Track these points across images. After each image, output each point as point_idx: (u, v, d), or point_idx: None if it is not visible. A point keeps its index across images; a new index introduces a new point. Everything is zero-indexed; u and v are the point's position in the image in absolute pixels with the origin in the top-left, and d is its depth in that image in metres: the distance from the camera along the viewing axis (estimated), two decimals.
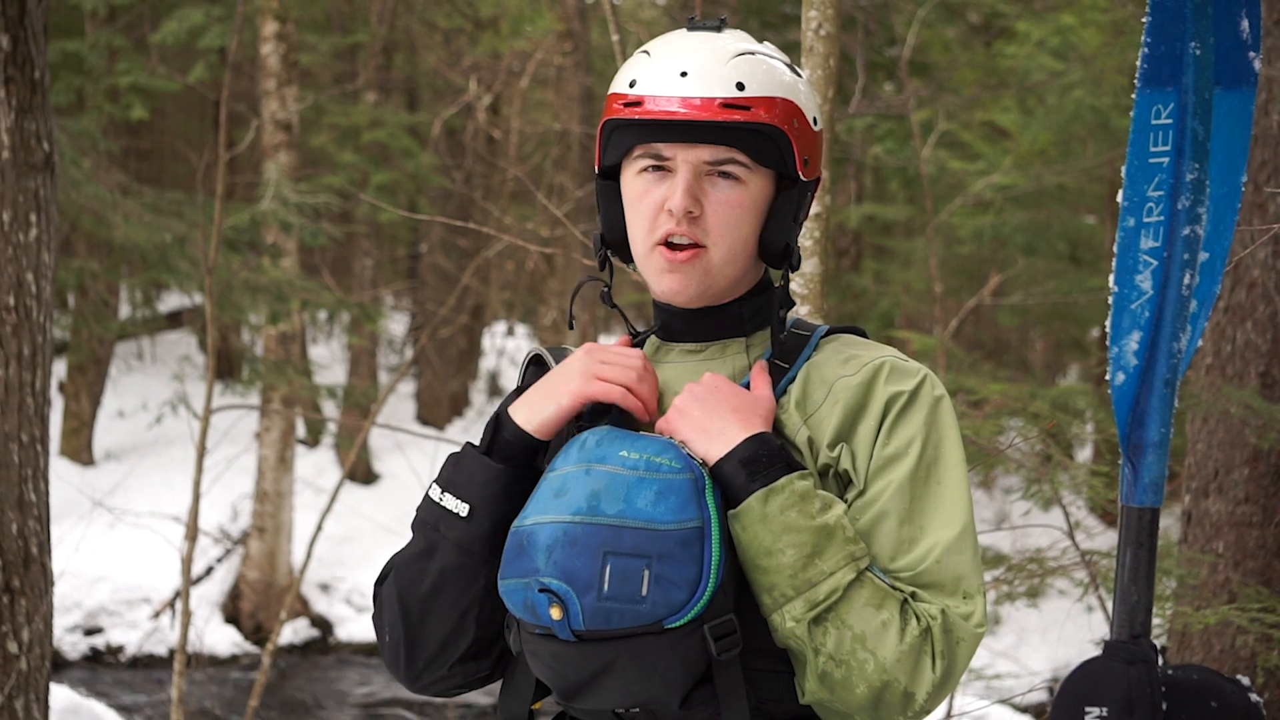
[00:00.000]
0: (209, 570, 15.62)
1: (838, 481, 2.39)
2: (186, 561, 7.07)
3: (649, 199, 2.43)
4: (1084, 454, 14.77)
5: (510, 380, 26.53)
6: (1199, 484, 5.61)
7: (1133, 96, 2.01)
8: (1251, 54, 2.02)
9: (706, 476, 2.30)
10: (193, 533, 7.22)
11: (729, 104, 2.36)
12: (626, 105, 2.42)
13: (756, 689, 2.34)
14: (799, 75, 2.47)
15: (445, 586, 2.42)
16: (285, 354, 14.29)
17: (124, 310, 19.05)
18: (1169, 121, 1.99)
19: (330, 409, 18.88)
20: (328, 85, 19.12)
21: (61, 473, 16.56)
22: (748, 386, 2.44)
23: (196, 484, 7.15)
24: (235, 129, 17.27)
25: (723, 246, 2.42)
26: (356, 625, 15.48)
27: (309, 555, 8.46)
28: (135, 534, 14.58)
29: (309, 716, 13.17)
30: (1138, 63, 2.00)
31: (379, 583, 2.56)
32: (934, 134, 13.13)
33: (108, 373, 18.48)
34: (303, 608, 15.44)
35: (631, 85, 2.43)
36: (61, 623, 14.37)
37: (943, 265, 15.20)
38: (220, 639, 14.76)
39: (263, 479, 15.37)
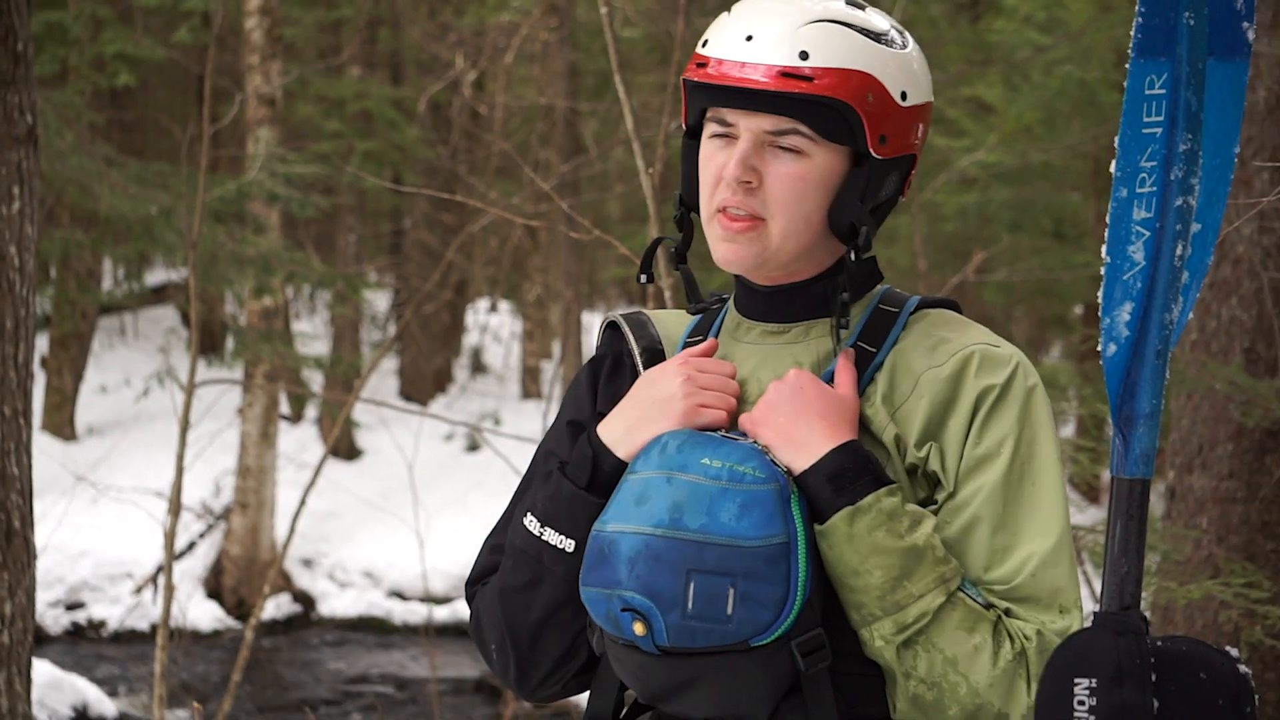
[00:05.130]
0: (191, 545, 15.61)
1: (926, 481, 2.30)
2: (169, 536, 7.05)
3: (712, 164, 2.34)
4: (1066, 430, 14.79)
5: (494, 357, 26.52)
6: (1183, 460, 5.62)
7: (1126, 67, 2.01)
8: (1245, 24, 2.02)
9: (792, 485, 2.23)
10: (175, 508, 7.20)
11: (788, 73, 2.25)
12: (697, 65, 2.33)
13: (846, 694, 2.26)
14: (896, 46, 2.33)
15: (556, 617, 2.36)
16: (268, 328, 14.26)
17: (107, 283, 19.01)
18: (1162, 92, 1.98)
19: (314, 384, 18.87)
20: (312, 60, 19.07)
21: (43, 448, 16.50)
22: (832, 376, 2.33)
23: (180, 459, 7.13)
24: (219, 103, 17.21)
25: (781, 220, 2.31)
26: (339, 600, 15.48)
27: (292, 530, 8.46)
28: (118, 509, 14.57)
29: (291, 691, 13.17)
30: (1130, 34, 1.99)
31: (472, 595, 2.51)
32: None
33: (90, 347, 18.45)
34: (285, 583, 15.44)
35: (704, 45, 2.33)
36: (43, 598, 14.35)
37: (927, 242, 15.19)
38: (202, 614, 14.76)
39: (245, 454, 15.35)
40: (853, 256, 2.36)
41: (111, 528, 14.92)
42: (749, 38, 2.28)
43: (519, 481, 2.58)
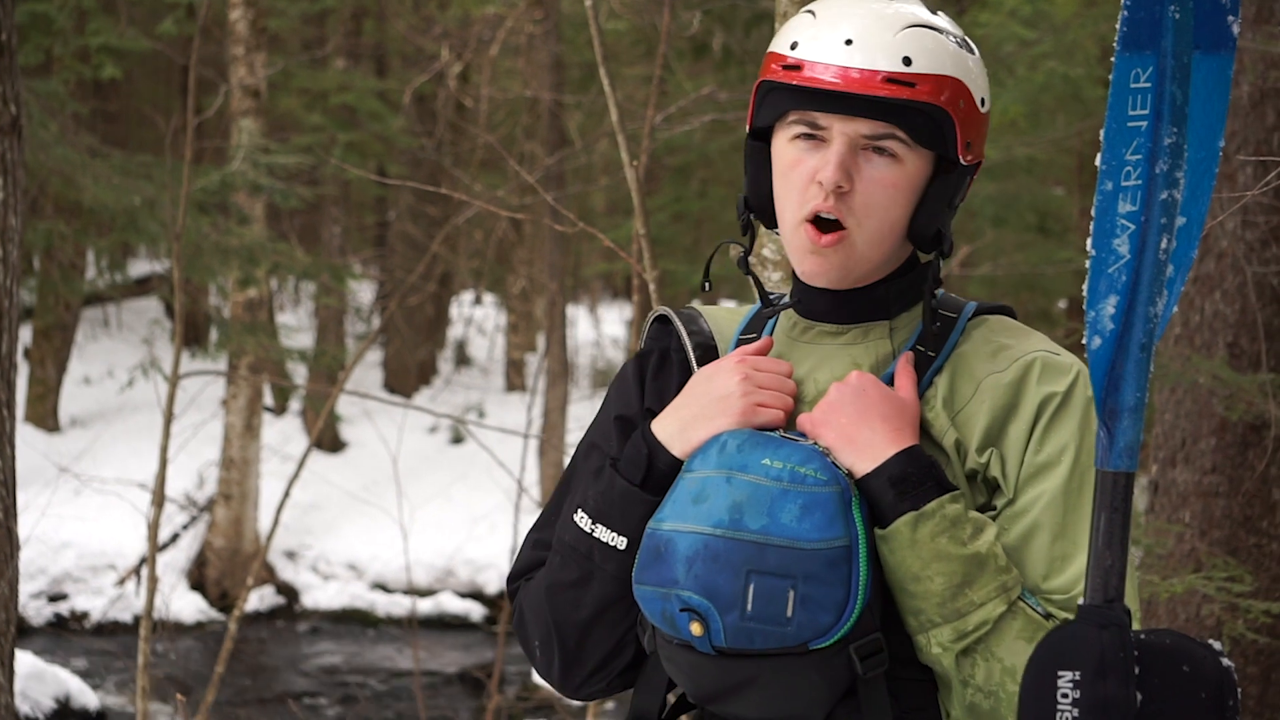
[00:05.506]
0: (175, 537, 15.59)
1: (985, 487, 2.28)
2: (153, 528, 7.04)
3: (800, 169, 2.30)
4: None
5: (478, 349, 26.51)
6: (1166, 454, 5.63)
7: (1111, 61, 2.01)
8: (1230, 18, 2.02)
9: (853, 488, 2.21)
10: (159, 499, 7.19)
11: (893, 79, 2.23)
12: (785, 68, 2.29)
13: (900, 699, 2.25)
14: (972, 52, 2.34)
15: (605, 614, 2.35)
16: (252, 319, 14.24)
17: (90, 274, 18.97)
18: (1148, 85, 1.98)
19: (298, 376, 18.84)
20: (296, 51, 19.02)
21: (27, 439, 16.47)
22: (891, 378, 2.32)
23: (163, 450, 7.12)
24: (203, 94, 17.17)
25: (869, 227, 2.29)
26: (322, 593, 15.47)
27: (275, 522, 8.44)
28: (101, 501, 14.54)
29: (275, 683, 13.16)
30: (1116, 28, 1.99)
31: (515, 590, 2.50)
32: None
33: (74, 339, 18.41)
34: (269, 575, 15.43)
35: (793, 47, 2.29)
36: (26, 589, 14.33)
37: None
38: (186, 606, 14.74)
39: (229, 446, 15.33)
40: (940, 262, 2.37)
41: (95, 519, 14.89)
42: (848, 41, 2.25)
43: (561, 477, 2.56)
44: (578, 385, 22.87)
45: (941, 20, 2.34)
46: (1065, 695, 2.00)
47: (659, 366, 2.52)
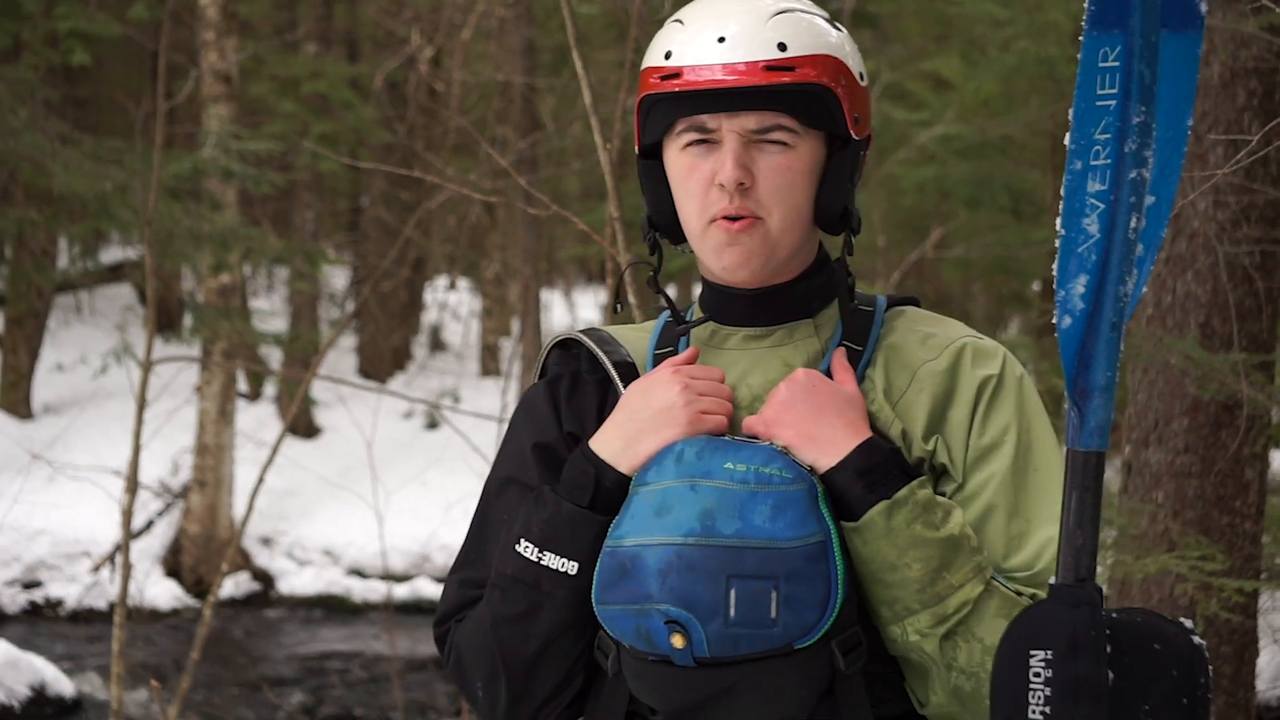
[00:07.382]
0: (149, 524, 15.55)
1: (933, 473, 2.29)
2: (126, 515, 7.02)
3: (698, 174, 2.30)
4: None
5: (453, 334, 26.45)
6: (1139, 434, 5.64)
7: (1079, 39, 2.01)
8: None
9: (818, 484, 2.20)
10: (133, 485, 7.17)
11: (772, 66, 2.23)
12: (664, 78, 2.29)
13: (872, 692, 2.24)
14: (840, 30, 2.34)
15: (556, 644, 2.30)
16: (226, 305, 14.19)
17: (62, 262, 18.90)
18: (1116, 64, 1.98)
19: (272, 362, 18.79)
20: (267, 36, 18.95)
21: (0, 426, 16.45)
22: (827, 375, 2.32)
23: (137, 436, 7.10)
24: (174, 80, 17.09)
25: (778, 215, 2.29)
26: (298, 579, 15.45)
27: (250, 508, 8.42)
28: (75, 487, 14.49)
29: (250, 669, 13.14)
30: (1085, 5, 1.99)
31: (444, 633, 2.47)
32: (878, 85, 13.10)
33: (46, 325, 18.33)
34: (244, 561, 15.40)
35: (667, 57, 2.29)
36: (0, 577, 14.29)
37: (886, 218, 15.22)
38: (161, 592, 14.71)
39: (203, 432, 15.28)
40: (852, 239, 2.37)
41: (69, 506, 14.85)
42: (721, 39, 2.25)
43: (474, 516, 2.51)
44: None
45: (806, 4, 2.34)
46: (1037, 674, 2.00)
47: (571, 390, 2.49)
